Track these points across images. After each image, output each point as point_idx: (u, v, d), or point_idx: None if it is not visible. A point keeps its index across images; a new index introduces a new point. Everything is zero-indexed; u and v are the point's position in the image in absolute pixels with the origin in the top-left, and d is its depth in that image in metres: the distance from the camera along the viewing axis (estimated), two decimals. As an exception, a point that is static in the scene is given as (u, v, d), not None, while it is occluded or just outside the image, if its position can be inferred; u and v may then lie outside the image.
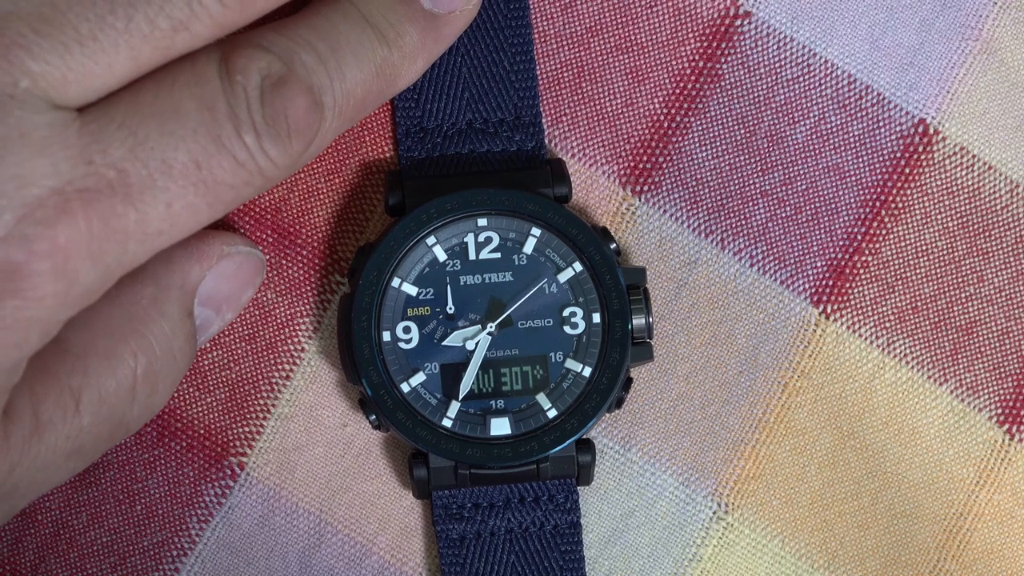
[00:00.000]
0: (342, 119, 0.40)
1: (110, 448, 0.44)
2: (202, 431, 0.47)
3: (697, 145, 0.48)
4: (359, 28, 0.41)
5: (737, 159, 0.48)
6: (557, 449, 0.45)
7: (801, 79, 0.48)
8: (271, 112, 0.38)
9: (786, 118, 0.48)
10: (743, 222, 0.48)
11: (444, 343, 0.45)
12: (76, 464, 0.41)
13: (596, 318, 0.45)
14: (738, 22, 0.48)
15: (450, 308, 0.45)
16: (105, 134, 0.37)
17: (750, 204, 0.48)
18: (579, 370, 0.45)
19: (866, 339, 0.48)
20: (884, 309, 0.48)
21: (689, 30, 0.48)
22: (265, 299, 0.47)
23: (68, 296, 0.37)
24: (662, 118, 0.48)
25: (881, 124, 0.48)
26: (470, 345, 0.45)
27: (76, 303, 0.37)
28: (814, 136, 0.48)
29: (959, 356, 0.48)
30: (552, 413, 0.45)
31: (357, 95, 0.40)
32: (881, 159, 0.48)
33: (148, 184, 0.37)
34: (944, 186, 0.48)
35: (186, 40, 0.38)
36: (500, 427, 0.45)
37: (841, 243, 0.48)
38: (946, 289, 0.48)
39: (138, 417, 0.42)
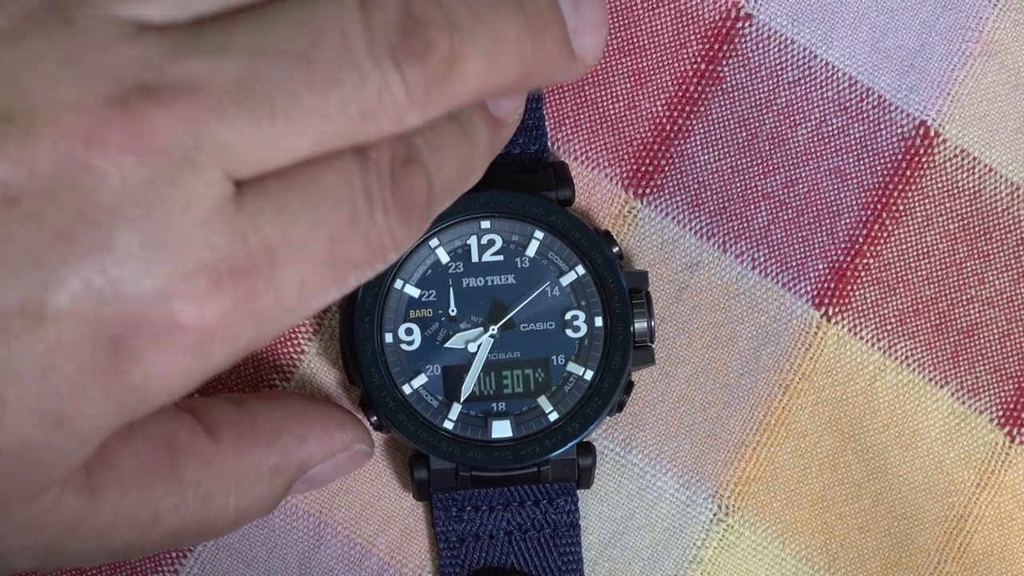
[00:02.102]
0: (439, 209, 0.39)
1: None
2: (202, 432, 0.47)
3: (699, 148, 0.48)
4: (448, 121, 0.39)
5: (739, 162, 0.48)
6: (558, 452, 0.45)
7: (802, 81, 0.48)
8: (399, 191, 0.37)
9: (787, 120, 0.48)
10: (745, 225, 0.48)
11: (446, 345, 0.45)
12: (103, 558, 0.40)
13: (598, 321, 0.45)
14: (739, 24, 0.48)
15: (452, 310, 0.45)
16: (259, 210, 0.35)
17: (752, 207, 0.48)
18: (581, 373, 0.45)
19: (867, 341, 0.48)
20: (885, 311, 0.48)
21: (691, 32, 0.48)
22: (266, 301, 0.47)
23: (192, 375, 0.35)
24: (664, 121, 0.48)
25: (882, 126, 0.48)
26: (472, 347, 0.45)
27: (197, 382, 0.36)
28: (815, 138, 0.48)
29: (960, 358, 0.48)
30: (553, 416, 0.45)
31: (448, 187, 0.39)
32: (882, 161, 0.48)
33: (288, 262, 0.35)
34: (945, 188, 0.48)
35: (372, 128, 0.36)
36: (501, 430, 0.45)
37: (842, 245, 0.48)
38: (947, 291, 0.48)
39: (174, 545, 0.41)
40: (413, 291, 0.45)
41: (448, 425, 0.45)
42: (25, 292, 0.33)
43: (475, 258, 0.45)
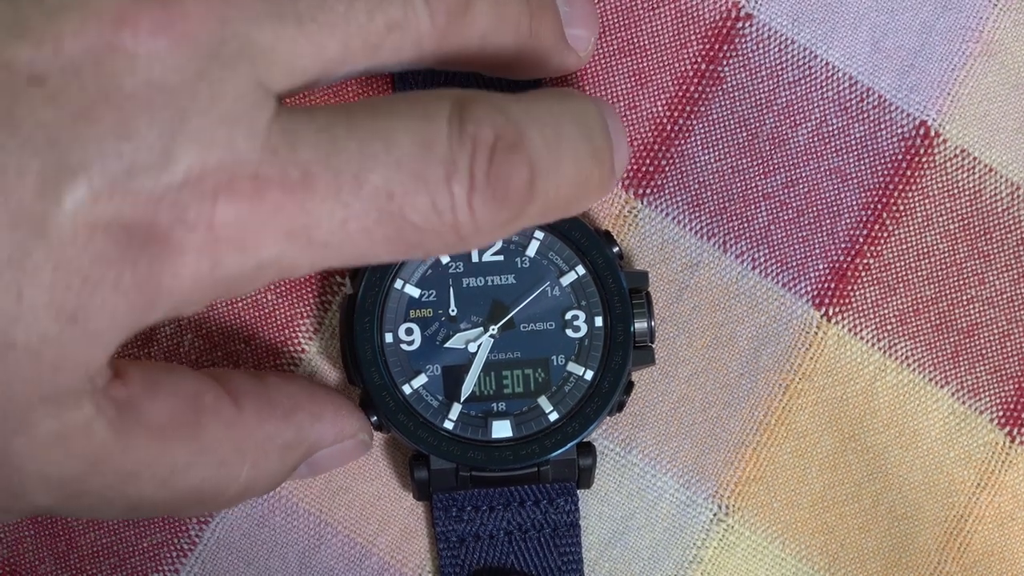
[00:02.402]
0: (541, 212, 0.38)
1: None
2: (202, 432, 0.47)
3: (699, 148, 0.48)
4: (580, 133, 0.39)
5: (739, 162, 0.48)
6: (558, 452, 0.45)
7: (803, 81, 0.48)
8: (496, 173, 0.36)
9: (788, 120, 0.48)
10: (745, 225, 0.48)
11: (446, 345, 0.45)
12: (116, 510, 0.39)
13: (598, 321, 0.45)
14: (740, 24, 0.48)
15: (452, 310, 0.45)
16: (301, 132, 0.35)
17: (752, 207, 0.48)
18: (581, 373, 0.45)
19: (867, 342, 0.48)
20: (885, 311, 0.48)
21: (691, 32, 0.48)
22: (265, 300, 0.47)
23: (205, 280, 0.35)
24: (664, 121, 0.48)
25: (882, 126, 0.48)
26: (472, 347, 0.45)
27: (214, 290, 0.35)
28: (816, 138, 0.48)
29: (960, 358, 0.48)
30: (553, 416, 0.45)
31: (561, 195, 0.38)
32: (882, 161, 0.48)
33: (330, 193, 0.35)
34: (945, 188, 0.48)
35: (395, 43, 0.37)
36: (501, 430, 0.45)
37: (843, 246, 0.48)
38: (947, 291, 0.48)
39: (180, 509, 0.41)
40: (413, 291, 0.45)
41: (448, 425, 0.45)
42: (42, 172, 0.33)
43: (475, 258, 0.45)
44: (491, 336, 0.45)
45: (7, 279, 0.33)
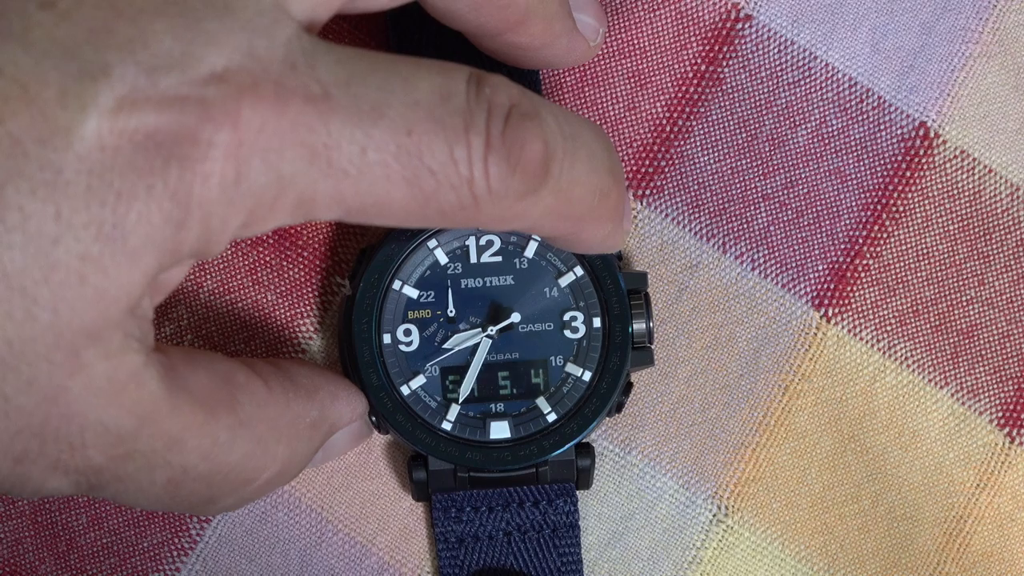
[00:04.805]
0: (554, 202, 0.38)
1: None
2: (203, 432, 0.47)
3: (699, 149, 0.48)
4: (597, 142, 0.39)
5: (738, 163, 0.48)
6: (556, 453, 0.45)
7: (802, 82, 0.48)
8: (511, 136, 0.36)
9: (787, 122, 0.48)
10: (744, 226, 0.48)
11: (444, 346, 0.45)
12: (159, 483, 0.38)
13: (597, 322, 0.45)
14: (739, 25, 0.48)
15: (451, 311, 0.45)
16: (321, 57, 0.35)
17: (751, 208, 0.48)
18: (579, 374, 0.45)
19: (867, 342, 0.48)
20: (885, 312, 0.48)
21: (691, 34, 0.48)
22: (265, 300, 0.47)
23: (231, 191, 0.34)
24: (664, 122, 0.48)
25: (882, 127, 0.48)
26: (470, 348, 0.45)
27: (239, 206, 0.35)
28: (815, 140, 0.48)
29: (960, 359, 0.48)
30: (552, 417, 0.45)
31: (575, 195, 0.38)
32: (882, 162, 0.48)
33: (350, 117, 0.35)
34: (945, 189, 0.48)
35: None
36: (500, 431, 0.45)
37: (842, 246, 0.48)
38: (947, 292, 0.48)
39: (221, 489, 0.40)
40: (412, 292, 0.45)
41: (446, 426, 0.45)
42: (63, 83, 0.33)
43: (474, 259, 0.45)
44: (489, 337, 0.45)
45: (42, 196, 0.33)
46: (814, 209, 0.48)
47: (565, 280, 0.45)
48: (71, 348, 0.34)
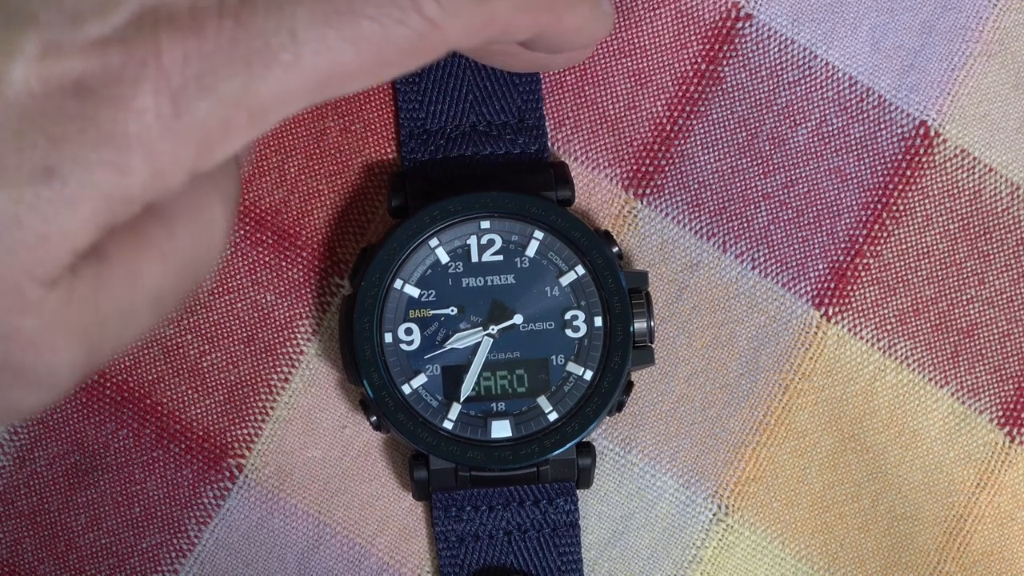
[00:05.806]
0: (491, 23, 0.37)
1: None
2: (201, 433, 0.47)
3: (699, 148, 0.48)
4: None
5: (739, 162, 0.48)
6: (557, 452, 0.45)
7: (802, 81, 0.48)
8: None
9: (787, 121, 0.48)
10: (745, 225, 0.48)
11: (446, 345, 0.45)
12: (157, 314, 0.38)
13: (598, 322, 0.45)
14: (740, 24, 0.48)
15: (452, 310, 0.45)
16: None
17: (752, 207, 0.48)
18: (580, 373, 0.45)
19: (867, 341, 0.48)
20: (885, 311, 0.48)
21: (691, 33, 0.48)
22: (265, 301, 0.47)
23: (173, 127, 0.34)
24: (664, 121, 0.48)
25: (882, 126, 0.48)
26: (472, 347, 0.45)
27: (187, 140, 0.34)
28: (815, 139, 0.48)
29: (960, 358, 0.48)
30: (553, 416, 0.45)
31: (498, 16, 0.37)
32: (882, 161, 0.48)
33: (268, 8, 0.34)
34: (945, 188, 0.48)
35: None
36: (501, 430, 0.45)
37: (842, 245, 0.48)
38: (947, 291, 0.48)
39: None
40: (413, 291, 0.45)
41: (447, 425, 0.45)
42: None
43: (475, 258, 0.45)
44: (490, 336, 0.45)
45: None
46: (814, 208, 0.48)
47: (566, 279, 0.45)
48: (16, 289, 0.34)
